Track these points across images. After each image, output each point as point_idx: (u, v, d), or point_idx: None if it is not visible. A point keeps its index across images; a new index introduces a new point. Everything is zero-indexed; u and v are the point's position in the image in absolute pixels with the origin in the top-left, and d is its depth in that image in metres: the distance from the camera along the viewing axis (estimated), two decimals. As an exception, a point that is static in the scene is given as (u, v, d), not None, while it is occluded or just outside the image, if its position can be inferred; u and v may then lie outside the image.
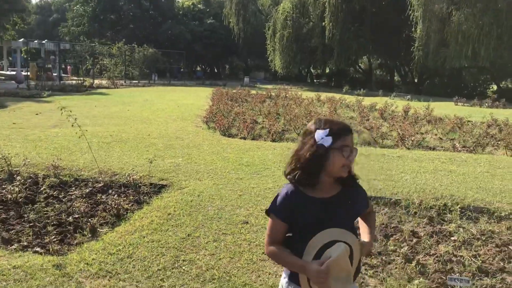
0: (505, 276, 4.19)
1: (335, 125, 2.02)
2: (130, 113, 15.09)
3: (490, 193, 6.49)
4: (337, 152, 1.98)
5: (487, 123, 14.42)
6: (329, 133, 1.98)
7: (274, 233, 2.09)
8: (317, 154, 1.98)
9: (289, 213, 2.04)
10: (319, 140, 1.98)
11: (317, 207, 2.03)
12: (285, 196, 2.06)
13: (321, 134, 1.98)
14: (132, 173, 6.65)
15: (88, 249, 4.22)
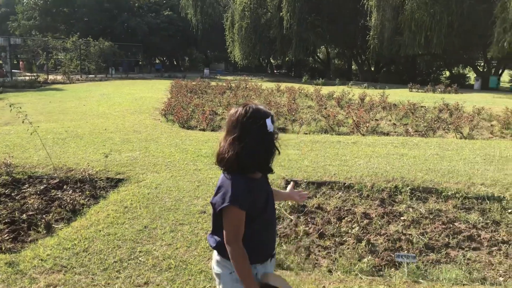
0: (450, 251, 4.44)
1: (271, 112, 2.09)
2: (86, 108, 14.80)
3: (439, 174, 6.79)
4: (274, 137, 2.08)
5: (438, 108, 14.97)
6: (271, 120, 2.05)
7: (240, 227, 2.02)
8: (271, 142, 2.05)
9: (251, 201, 2.02)
10: (270, 128, 2.02)
11: (264, 187, 2.15)
12: (245, 186, 2.02)
13: (269, 122, 2.03)
14: (88, 168, 6.58)
15: (43, 245, 4.19)
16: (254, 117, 2.01)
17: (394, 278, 3.74)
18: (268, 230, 2.18)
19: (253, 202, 2.02)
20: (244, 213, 2.00)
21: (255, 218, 2.06)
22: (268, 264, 2.20)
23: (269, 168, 2.11)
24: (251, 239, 2.06)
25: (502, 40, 25.69)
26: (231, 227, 2.01)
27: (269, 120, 2.03)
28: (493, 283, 3.77)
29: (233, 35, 42.60)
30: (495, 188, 6.14)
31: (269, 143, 2.05)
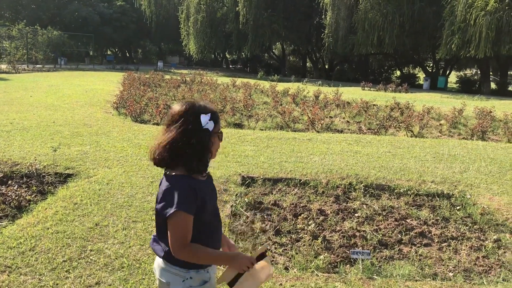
0: (402, 247, 4.53)
1: (213, 110, 1.99)
2: (33, 100, 14.15)
3: (391, 171, 6.95)
4: (215, 136, 1.99)
5: (390, 107, 15.35)
6: (211, 118, 1.95)
7: (188, 231, 1.90)
8: (205, 139, 1.94)
9: (198, 204, 1.92)
10: (205, 124, 1.93)
11: (210, 189, 2.07)
12: (189, 188, 1.90)
13: (206, 118, 1.93)
14: (35, 162, 6.27)
15: (-16, 245, 3.94)
16: (188, 112, 1.93)
17: (349, 275, 3.77)
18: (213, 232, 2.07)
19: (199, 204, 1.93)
20: (192, 217, 1.89)
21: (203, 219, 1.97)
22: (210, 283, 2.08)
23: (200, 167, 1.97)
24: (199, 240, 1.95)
25: (450, 42, 26.74)
26: (178, 233, 1.88)
27: (204, 116, 1.93)
28: (444, 278, 3.87)
29: (188, 28, 42.13)
30: (444, 186, 6.35)
31: (202, 139, 1.94)
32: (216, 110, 2.02)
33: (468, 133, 11.31)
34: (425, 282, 3.73)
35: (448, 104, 17.69)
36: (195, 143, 1.90)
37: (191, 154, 1.91)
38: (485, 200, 5.85)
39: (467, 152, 8.69)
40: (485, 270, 4.06)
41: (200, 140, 1.92)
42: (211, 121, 1.94)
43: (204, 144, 1.93)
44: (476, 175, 6.94)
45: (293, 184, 6.29)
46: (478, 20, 24.71)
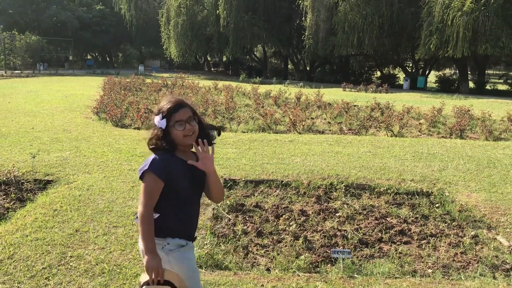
0: (382, 246, 4.59)
1: (165, 107, 2.29)
2: (11, 106, 13.95)
3: (372, 171, 7.02)
4: (173, 128, 2.28)
5: (370, 107, 15.51)
6: (162, 117, 2.28)
7: (154, 193, 2.24)
8: (161, 135, 2.29)
9: (168, 171, 2.25)
10: (158, 124, 2.29)
11: (187, 166, 2.31)
12: (162, 157, 2.28)
13: (158, 119, 2.30)
14: (13, 169, 6.18)
15: (-39, 254, 3.87)
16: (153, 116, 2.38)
17: (330, 274, 3.81)
18: (187, 209, 2.36)
19: (168, 173, 2.24)
20: (160, 182, 2.23)
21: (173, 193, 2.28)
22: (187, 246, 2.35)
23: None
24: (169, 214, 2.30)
25: (428, 43, 27.10)
26: (146, 191, 2.22)
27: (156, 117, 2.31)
28: (423, 275, 3.93)
29: (168, 31, 41.94)
30: (423, 184, 6.44)
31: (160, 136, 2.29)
32: (171, 105, 2.30)
33: (447, 132, 11.49)
34: (405, 279, 3.79)
35: (428, 104, 17.94)
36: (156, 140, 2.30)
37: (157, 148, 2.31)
38: (463, 197, 5.96)
39: (446, 151, 8.83)
40: (463, 266, 4.14)
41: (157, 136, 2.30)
42: (163, 119, 2.27)
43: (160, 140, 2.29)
44: (455, 173, 7.06)
45: (275, 185, 6.32)
46: (455, 20, 25.10)
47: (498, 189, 6.26)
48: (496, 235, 4.82)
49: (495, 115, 14.50)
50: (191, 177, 2.32)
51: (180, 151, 2.34)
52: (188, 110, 2.33)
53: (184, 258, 2.32)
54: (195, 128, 2.32)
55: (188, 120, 2.29)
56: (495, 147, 9.44)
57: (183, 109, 2.30)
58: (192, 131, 2.30)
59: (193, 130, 2.30)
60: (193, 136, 2.31)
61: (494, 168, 7.50)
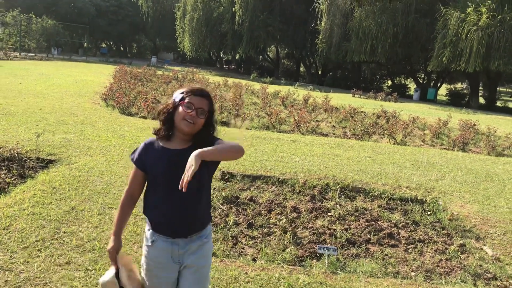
0: (370, 247, 4.67)
1: (190, 88, 2.26)
2: (22, 86, 14.15)
3: (369, 175, 7.09)
4: (181, 106, 2.20)
5: (377, 114, 15.55)
6: (182, 92, 2.24)
7: (132, 180, 2.30)
8: (169, 107, 2.23)
9: (143, 158, 2.24)
10: (175, 97, 2.24)
11: (168, 156, 2.21)
12: (142, 146, 2.28)
13: (177, 93, 2.25)
14: (17, 146, 6.32)
15: (-40, 221, 4.01)
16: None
17: (314, 269, 3.90)
18: (169, 203, 2.20)
19: (144, 162, 2.23)
20: (137, 169, 2.26)
21: (155, 185, 2.23)
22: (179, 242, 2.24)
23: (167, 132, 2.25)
24: (152, 207, 2.25)
25: (441, 55, 27.08)
26: (129, 177, 2.33)
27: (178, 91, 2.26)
28: (405, 277, 4.01)
29: (183, 25, 42.20)
30: (418, 192, 6.50)
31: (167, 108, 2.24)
32: (194, 89, 2.25)
33: (450, 144, 11.51)
34: (386, 279, 3.87)
35: (435, 115, 17.93)
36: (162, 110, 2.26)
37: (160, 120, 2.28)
38: (457, 207, 6.02)
39: (446, 161, 8.88)
40: (446, 272, 4.21)
41: (165, 107, 2.25)
42: (181, 94, 2.22)
43: (165, 111, 2.24)
44: (451, 184, 7.11)
45: (271, 182, 6.41)
46: (470, 34, 25.06)
47: (491, 201, 6.32)
48: (483, 246, 4.88)
49: (501, 132, 14.48)
50: (173, 168, 2.16)
51: (179, 139, 2.23)
52: (206, 102, 2.23)
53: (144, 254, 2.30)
54: (199, 122, 2.19)
55: (199, 110, 2.18)
56: (496, 162, 9.47)
57: (202, 98, 2.22)
58: (194, 121, 2.17)
59: (195, 121, 2.17)
60: (192, 127, 2.18)
61: (491, 181, 7.55)
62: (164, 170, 2.19)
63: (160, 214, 2.22)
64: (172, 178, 2.13)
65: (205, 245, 2.32)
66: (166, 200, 2.20)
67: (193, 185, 2.10)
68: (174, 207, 2.20)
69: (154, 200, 2.23)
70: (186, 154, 2.07)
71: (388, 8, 31.41)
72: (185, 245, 2.25)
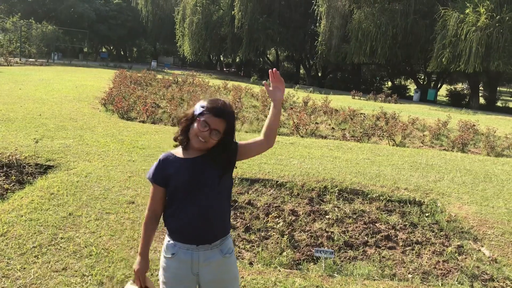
0: (367, 249, 4.67)
1: (212, 103, 2.16)
2: (22, 92, 14.19)
3: (367, 177, 7.10)
4: (197, 122, 2.14)
5: (376, 116, 15.56)
6: (203, 106, 2.16)
7: (153, 198, 2.24)
8: (188, 117, 2.18)
9: (162, 174, 2.19)
10: (196, 107, 2.18)
11: (186, 166, 2.18)
12: (158, 163, 2.23)
13: (199, 104, 2.18)
14: (15, 153, 6.35)
15: (-43, 228, 4.02)
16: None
17: (311, 272, 3.90)
18: (193, 209, 2.18)
19: (164, 177, 2.19)
20: (157, 185, 2.21)
21: (177, 194, 2.18)
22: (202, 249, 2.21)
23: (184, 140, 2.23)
24: (175, 217, 2.21)
25: (441, 56, 27.10)
26: (150, 195, 2.26)
27: (200, 103, 2.19)
28: (402, 279, 4.02)
29: (183, 29, 42.29)
30: (416, 193, 6.51)
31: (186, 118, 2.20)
32: (215, 106, 2.15)
33: (450, 145, 11.51)
34: (383, 281, 3.87)
35: (435, 116, 17.93)
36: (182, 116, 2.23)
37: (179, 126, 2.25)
38: (455, 208, 6.02)
39: (445, 163, 8.88)
40: (443, 274, 4.21)
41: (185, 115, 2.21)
42: (202, 108, 2.15)
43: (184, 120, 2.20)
44: (450, 185, 7.12)
45: (269, 185, 6.42)
46: (469, 35, 25.08)
47: (490, 202, 6.32)
48: (480, 247, 4.89)
49: (500, 132, 14.48)
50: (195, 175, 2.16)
51: (194, 149, 2.21)
52: (224, 124, 2.15)
53: (163, 267, 2.28)
54: (211, 141, 2.15)
55: (213, 132, 2.13)
56: (495, 162, 9.47)
57: (220, 119, 2.14)
58: (206, 140, 2.14)
59: (208, 139, 2.14)
60: (203, 145, 2.15)
61: (490, 182, 7.55)
62: (186, 178, 2.17)
63: (184, 221, 2.18)
64: (195, 184, 2.17)
65: (228, 260, 2.29)
66: (189, 207, 2.18)
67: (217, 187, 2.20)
68: (198, 212, 2.18)
69: (176, 209, 2.20)
70: (204, 159, 2.18)
71: (387, 9, 31.45)
72: (207, 258, 2.22)
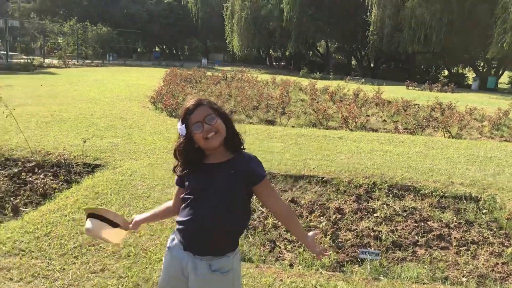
0: (417, 249, 4.40)
1: (183, 111, 2.09)
2: (77, 93, 14.69)
3: (419, 172, 6.74)
4: (193, 132, 2.04)
5: (431, 107, 14.88)
6: (181, 122, 2.08)
7: (176, 193, 2.30)
8: (184, 143, 2.08)
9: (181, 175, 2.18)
10: (180, 131, 2.09)
11: (199, 171, 2.11)
12: None
13: (179, 126, 2.10)
14: (63, 152, 6.51)
15: (5, 228, 4.13)
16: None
17: (354, 275, 3.70)
18: (193, 213, 2.08)
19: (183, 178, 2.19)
20: (177, 187, 2.25)
21: (189, 195, 2.12)
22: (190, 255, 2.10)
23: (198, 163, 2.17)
24: (180, 213, 2.18)
25: (502, 41, 25.57)
26: None
27: (178, 124, 2.11)
28: (455, 282, 3.73)
29: (232, 25, 42.44)
30: (473, 188, 6.09)
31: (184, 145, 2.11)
32: (185, 109, 2.09)
33: (511, 136, 10.79)
34: (433, 285, 3.61)
35: (495, 105, 16.92)
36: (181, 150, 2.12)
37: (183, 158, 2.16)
38: (516, 204, 5.58)
39: (505, 155, 8.30)
40: (502, 277, 3.88)
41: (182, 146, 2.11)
42: (183, 125, 2.07)
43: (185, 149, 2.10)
44: (510, 179, 6.62)
45: (314, 181, 6.22)
46: (532, 17, 23.51)
47: (556, 198, 5.81)
48: (545, 247, 4.48)
49: None
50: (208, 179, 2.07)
51: (212, 156, 2.11)
52: (206, 107, 2.06)
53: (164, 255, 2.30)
54: (218, 127, 2.04)
55: (206, 119, 2.03)
56: (563, 153, 8.76)
57: (199, 108, 2.05)
58: (214, 131, 2.03)
59: (214, 129, 2.03)
60: (217, 136, 2.04)
61: (557, 176, 6.96)
62: (195, 183, 2.12)
63: (182, 221, 2.11)
64: (199, 191, 2.09)
65: (218, 277, 2.09)
66: (189, 210, 2.10)
67: (222, 200, 2.06)
68: (194, 217, 2.07)
69: (183, 207, 2.15)
70: (225, 167, 2.08)
71: (442, -5, 30.08)
72: (194, 266, 2.09)
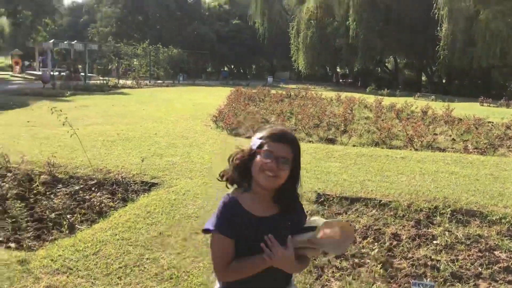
0: (480, 282, 4.02)
1: (270, 131, 1.91)
2: (145, 113, 15.26)
3: (487, 196, 6.25)
4: (259, 154, 1.87)
5: (506, 124, 13.92)
6: (260, 137, 1.91)
7: (225, 254, 1.87)
8: (245, 155, 1.92)
9: (233, 226, 1.86)
10: (252, 143, 1.93)
11: (253, 225, 1.89)
12: (225, 209, 1.90)
13: (255, 138, 1.93)
14: (121, 171, 6.70)
15: (58, 246, 4.26)
16: None
17: (406, 309, 3.43)
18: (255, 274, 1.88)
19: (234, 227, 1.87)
20: (228, 238, 1.86)
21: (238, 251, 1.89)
22: None
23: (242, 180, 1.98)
24: None
25: None
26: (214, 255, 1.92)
27: (256, 136, 1.94)
28: (521, 323, 3.34)
29: (298, 43, 42.61)
30: (550, 215, 5.53)
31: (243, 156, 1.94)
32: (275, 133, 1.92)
33: None
34: (496, 325, 3.25)
35: None
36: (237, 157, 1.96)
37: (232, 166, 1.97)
38: None
39: None
40: None
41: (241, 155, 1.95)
42: (259, 140, 1.90)
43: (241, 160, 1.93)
44: None
45: (371, 204, 5.93)
46: None
47: None
48: None
49: None
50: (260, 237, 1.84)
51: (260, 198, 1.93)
52: (290, 150, 1.89)
53: None
54: (281, 174, 1.86)
55: (280, 159, 1.85)
56: None
57: (284, 144, 1.88)
58: (275, 174, 1.84)
59: (277, 173, 1.85)
60: (273, 181, 1.86)
61: None
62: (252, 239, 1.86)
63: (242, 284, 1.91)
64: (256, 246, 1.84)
65: None
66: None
67: None
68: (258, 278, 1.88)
69: None
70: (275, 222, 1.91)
71: (519, 6, 28.49)
72: None
